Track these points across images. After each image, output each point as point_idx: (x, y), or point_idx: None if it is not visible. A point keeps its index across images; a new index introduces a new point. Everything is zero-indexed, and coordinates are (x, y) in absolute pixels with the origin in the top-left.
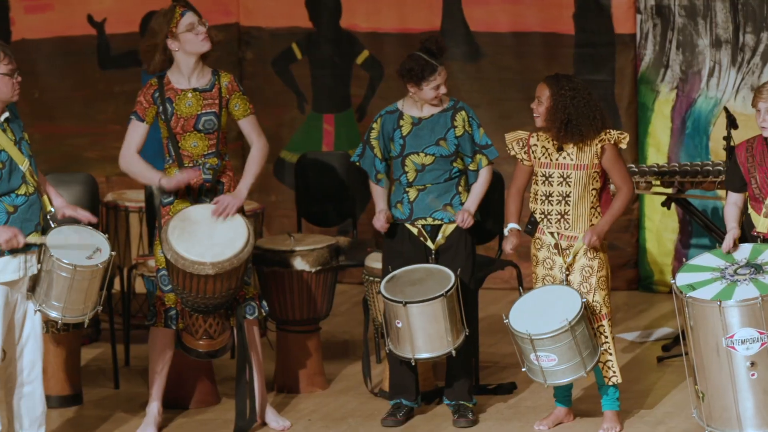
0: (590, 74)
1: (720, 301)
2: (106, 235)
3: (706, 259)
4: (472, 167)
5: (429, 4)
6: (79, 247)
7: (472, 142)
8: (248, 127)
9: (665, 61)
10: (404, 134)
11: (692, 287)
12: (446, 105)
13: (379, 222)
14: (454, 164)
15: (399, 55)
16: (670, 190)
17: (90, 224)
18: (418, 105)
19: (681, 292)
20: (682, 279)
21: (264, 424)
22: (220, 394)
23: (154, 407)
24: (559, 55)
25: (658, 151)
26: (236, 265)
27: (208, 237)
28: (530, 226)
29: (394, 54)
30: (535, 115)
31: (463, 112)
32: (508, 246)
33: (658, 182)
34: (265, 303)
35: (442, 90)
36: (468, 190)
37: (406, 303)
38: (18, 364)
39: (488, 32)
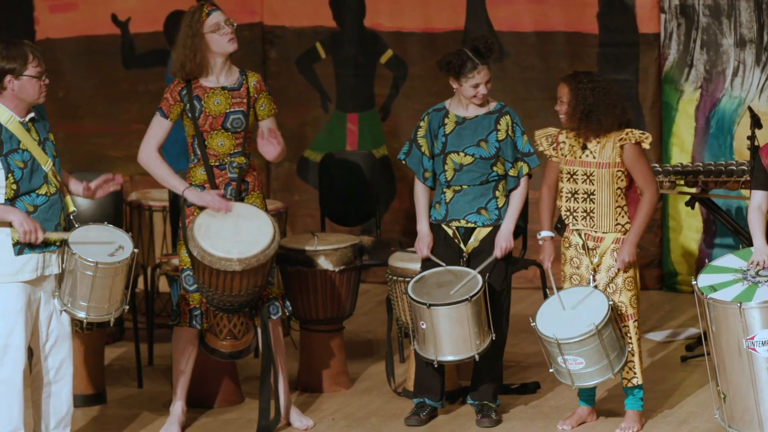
0: (614, 74)
1: (740, 303)
2: (130, 233)
3: (728, 260)
4: (512, 173)
5: (453, 3)
6: (102, 245)
7: (515, 148)
8: (267, 126)
9: (689, 61)
10: (447, 132)
11: (713, 288)
12: (492, 107)
13: (421, 252)
14: (494, 168)
15: (423, 54)
16: (694, 190)
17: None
18: (463, 104)
19: (702, 293)
20: (704, 280)
21: (288, 423)
22: (243, 394)
23: (177, 406)
24: (583, 54)
25: (682, 150)
26: (262, 261)
27: (234, 234)
28: (560, 225)
29: (417, 53)
30: (560, 115)
31: (508, 117)
32: (546, 260)
33: (682, 182)
34: (288, 302)
35: (482, 90)
36: (506, 195)
37: (431, 305)
38: (45, 364)
39: (512, 32)
